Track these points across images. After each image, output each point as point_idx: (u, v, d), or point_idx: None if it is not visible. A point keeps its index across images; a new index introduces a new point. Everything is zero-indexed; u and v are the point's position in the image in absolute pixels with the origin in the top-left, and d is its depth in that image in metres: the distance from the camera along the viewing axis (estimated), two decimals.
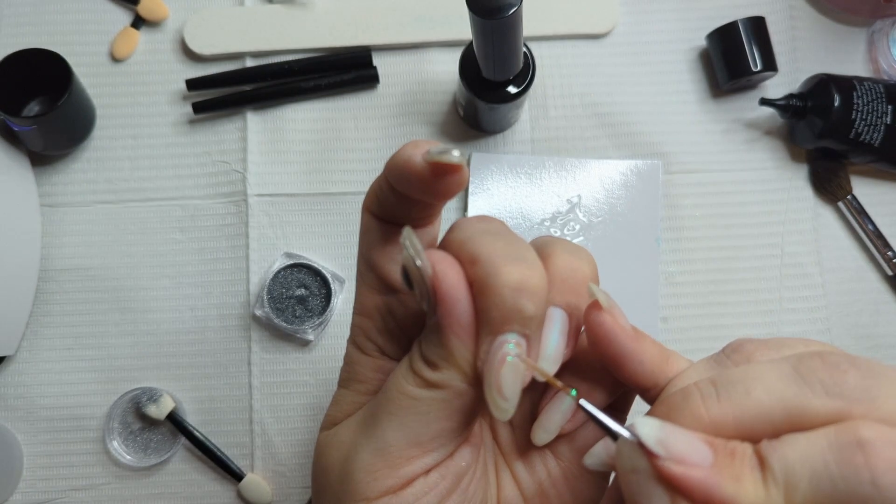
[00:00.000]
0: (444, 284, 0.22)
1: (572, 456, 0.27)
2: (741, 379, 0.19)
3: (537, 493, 0.27)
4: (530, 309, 0.21)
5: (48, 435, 0.50)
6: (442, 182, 0.23)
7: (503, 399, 0.21)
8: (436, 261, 0.22)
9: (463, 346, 0.22)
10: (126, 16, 0.54)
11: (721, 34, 0.50)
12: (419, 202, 0.24)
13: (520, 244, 0.23)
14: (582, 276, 0.24)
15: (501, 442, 0.28)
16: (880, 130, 0.48)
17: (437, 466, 0.23)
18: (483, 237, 0.23)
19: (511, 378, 0.21)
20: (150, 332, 0.50)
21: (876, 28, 0.53)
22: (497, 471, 0.27)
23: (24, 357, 0.50)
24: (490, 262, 0.22)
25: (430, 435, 0.23)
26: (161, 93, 0.53)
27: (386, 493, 0.23)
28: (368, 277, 0.26)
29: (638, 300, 0.49)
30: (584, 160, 0.51)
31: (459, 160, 0.22)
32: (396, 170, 0.23)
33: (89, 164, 0.52)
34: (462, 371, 0.22)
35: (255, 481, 0.48)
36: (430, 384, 0.23)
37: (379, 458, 0.23)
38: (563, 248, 0.24)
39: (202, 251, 0.51)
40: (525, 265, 0.22)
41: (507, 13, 0.35)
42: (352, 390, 0.27)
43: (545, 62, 0.53)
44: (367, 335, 0.26)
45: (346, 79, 0.52)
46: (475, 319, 0.22)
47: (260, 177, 0.52)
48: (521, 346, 0.21)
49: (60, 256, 0.51)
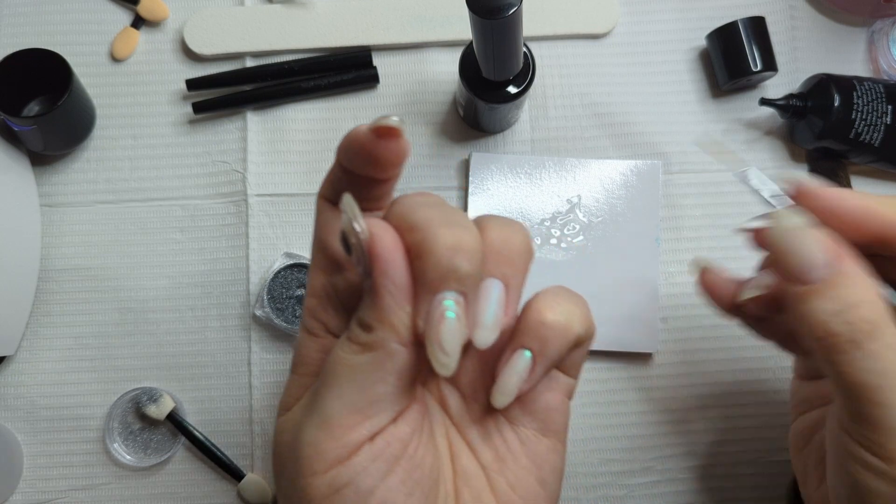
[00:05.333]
0: (378, 245, 0.23)
1: (526, 419, 0.28)
2: None
3: (495, 460, 0.27)
4: (466, 267, 0.22)
5: (48, 435, 0.50)
6: (384, 147, 0.25)
7: (444, 354, 0.22)
8: (372, 224, 0.23)
9: (397, 306, 0.23)
10: (126, 16, 0.54)
11: (721, 34, 0.50)
12: (368, 180, 0.26)
13: (454, 212, 0.24)
14: (515, 246, 0.25)
15: (453, 413, 0.28)
16: (880, 130, 0.48)
17: (381, 433, 0.24)
18: (420, 207, 0.24)
19: (451, 334, 0.22)
20: (150, 332, 0.51)
21: (876, 28, 0.53)
22: (450, 443, 0.28)
23: (24, 357, 0.50)
24: (426, 227, 0.23)
25: (368, 400, 0.23)
26: (161, 93, 0.53)
27: (334, 465, 0.23)
28: (318, 258, 0.28)
29: (638, 300, 0.49)
30: (584, 160, 0.51)
31: (397, 124, 0.24)
32: (345, 144, 0.26)
33: (89, 164, 0.52)
34: (395, 331, 0.23)
35: (255, 481, 0.48)
36: (365, 346, 0.23)
37: (322, 430, 0.23)
38: (496, 222, 0.25)
39: (202, 251, 0.51)
40: (459, 228, 0.23)
41: (507, 13, 0.35)
42: (300, 374, 0.27)
43: (545, 62, 0.53)
44: (314, 314, 0.27)
45: (346, 79, 0.52)
46: (409, 280, 0.23)
47: (260, 177, 0.52)
48: (459, 304, 0.23)
49: (60, 256, 0.51)
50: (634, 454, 0.48)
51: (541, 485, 0.27)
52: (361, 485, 0.23)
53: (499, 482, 0.27)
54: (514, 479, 0.27)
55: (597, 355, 0.49)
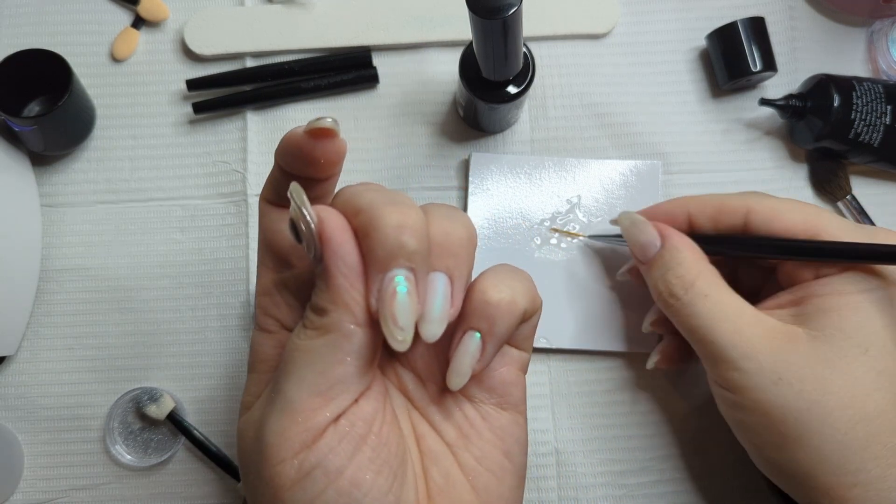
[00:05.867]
0: (328, 228, 0.23)
1: (484, 395, 0.29)
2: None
3: (459, 437, 0.28)
4: (412, 244, 0.23)
5: (48, 435, 0.50)
6: (320, 147, 0.25)
7: (399, 329, 0.23)
8: (320, 209, 0.24)
9: (350, 286, 0.23)
10: (126, 16, 0.54)
11: (721, 34, 0.50)
12: (308, 180, 0.27)
13: (397, 193, 0.25)
14: (458, 238, 0.25)
15: (413, 397, 0.29)
16: (880, 130, 0.48)
17: (344, 414, 0.24)
18: (364, 192, 0.25)
19: (404, 308, 0.23)
20: (150, 332, 0.51)
21: (875, 28, 0.53)
22: (414, 425, 0.28)
23: (24, 357, 0.50)
24: (371, 208, 0.24)
25: (328, 383, 0.24)
26: (161, 93, 0.53)
27: (301, 450, 0.23)
28: (265, 258, 0.29)
29: (637, 300, 0.49)
30: (583, 160, 0.51)
31: (332, 125, 0.25)
32: (282, 147, 0.26)
33: (89, 164, 0.52)
34: (349, 311, 0.24)
35: None
36: (321, 330, 0.24)
37: (285, 417, 0.24)
38: (439, 214, 0.26)
39: (202, 251, 0.51)
40: (403, 206, 0.24)
41: (507, 13, 0.35)
42: (258, 371, 0.28)
43: (545, 62, 0.53)
44: (267, 311, 0.28)
45: (346, 79, 0.52)
46: (360, 261, 0.24)
47: (260, 177, 0.52)
48: (409, 280, 0.23)
49: (60, 256, 0.51)
50: (634, 454, 0.48)
51: (506, 456, 0.28)
52: (330, 465, 0.23)
53: (465, 458, 0.28)
54: (480, 453, 0.28)
55: (597, 355, 0.49)
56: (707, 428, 0.48)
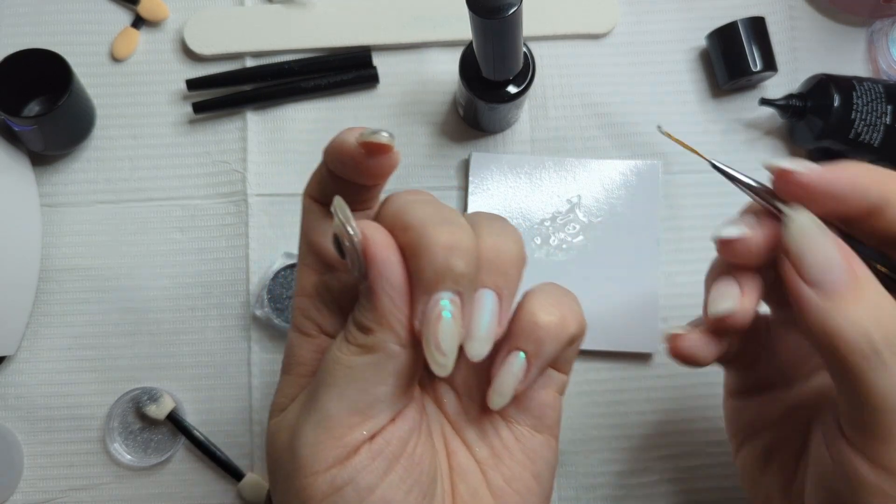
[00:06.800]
0: (373, 246, 0.23)
1: (520, 417, 0.28)
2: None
3: (490, 456, 0.27)
4: (461, 266, 0.22)
5: (48, 435, 0.50)
6: (374, 161, 0.24)
7: (442, 354, 0.22)
8: (365, 225, 0.23)
9: (394, 307, 0.23)
10: (126, 16, 0.54)
11: (721, 34, 0.50)
12: (356, 185, 0.26)
13: (448, 210, 0.24)
14: (508, 256, 0.24)
15: (449, 412, 0.28)
16: (880, 130, 0.48)
17: (381, 432, 0.24)
18: (412, 206, 0.24)
19: (448, 333, 0.22)
20: (150, 332, 0.51)
21: (875, 28, 0.53)
22: (446, 441, 0.28)
23: (24, 357, 0.50)
24: (420, 226, 0.23)
25: (368, 401, 0.23)
26: (161, 93, 0.53)
27: (333, 465, 0.23)
28: (307, 258, 0.28)
29: (638, 300, 0.49)
30: (583, 160, 0.51)
31: (388, 140, 0.24)
32: (333, 153, 0.25)
33: (89, 164, 0.52)
34: (394, 332, 0.23)
35: (255, 481, 0.48)
36: (364, 349, 0.23)
37: (322, 430, 0.23)
38: (490, 230, 0.25)
39: (202, 251, 0.51)
40: (454, 226, 0.23)
41: (507, 13, 0.35)
42: (294, 374, 0.27)
43: (545, 62, 0.53)
44: (307, 314, 0.27)
45: (346, 79, 0.52)
46: (406, 281, 0.23)
47: (260, 177, 0.52)
48: (455, 304, 0.22)
49: (60, 256, 0.51)
50: (634, 454, 0.48)
51: (535, 479, 0.28)
52: (361, 483, 0.23)
53: (494, 478, 0.27)
54: (510, 474, 0.27)
55: (597, 355, 0.49)
56: (706, 429, 0.48)
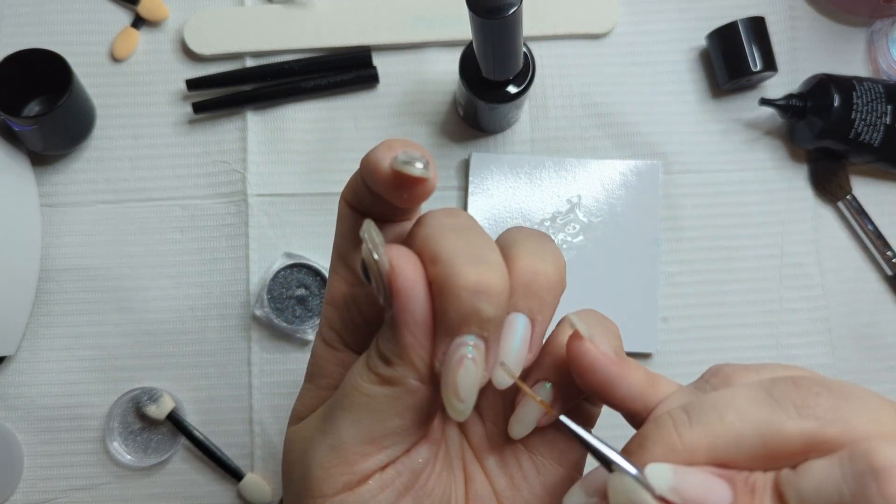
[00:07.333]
0: (399, 279, 0.21)
1: (544, 448, 0.27)
2: (714, 404, 0.20)
3: (508, 486, 0.27)
4: (489, 311, 0.21)
5: (48, 435, 0.50)
6: (407, 192, 0.23)
7: (459, 400, 0.21)
8: (393, 256, 0.22)
9: (417, 343, 0.22)
10: (126, 16, 0.54)
11: (721, 34, 0.50)
12: (391, 202, 0.24)
13: (482, 243, 0.22)
14: (545, 280, 0.23)
15: (472, 438, 0.28)
16: (880, 130, 0.48)
17: (393, 463, 0.23)
18: (446, 235, 0.22)
19: (468, 379, 0.21)
20: (150, 332, 0.50)
21: (875, 28, 0.53)
22: (465, 465, 0.27)
23: (24, 357, 0.50)
24: (450, 262, 0.21)
25: (383, 432, 0.23)
26: (161, 93, 0.53)
27: (342, 490, 0.23)
28: (339, 267, 0.26)
29: (638, 300, 0.49)
30: (583, 160, 0.51)
31: (423, 173, 0.22)
32: (367, 169, 0.24)
33: (89, 164, 0.52)
34: (415, 368, 0.22)
35: (255, 481, 0.48)
36: (384, 380, 0.23)
37: (334, 454, 0.23)
38: (527, 250, 0.23)
39: (202, 251, 0.51)
40: (485, 266, 0.21)
41: (507, 13, 0.35)
42: (315, 385, 0.27)
43: (545, 62, 0.53)
44: (332, 326, 0.26)
45: (346, 79, 0.52)
46: (431, 317, 0.22)
47: (260, 177, 0.52)
48: (478, 349, 0.21)
49: (60, 256, 0.51)
50: None
51: None
52: None
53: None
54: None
55: None
56: None
